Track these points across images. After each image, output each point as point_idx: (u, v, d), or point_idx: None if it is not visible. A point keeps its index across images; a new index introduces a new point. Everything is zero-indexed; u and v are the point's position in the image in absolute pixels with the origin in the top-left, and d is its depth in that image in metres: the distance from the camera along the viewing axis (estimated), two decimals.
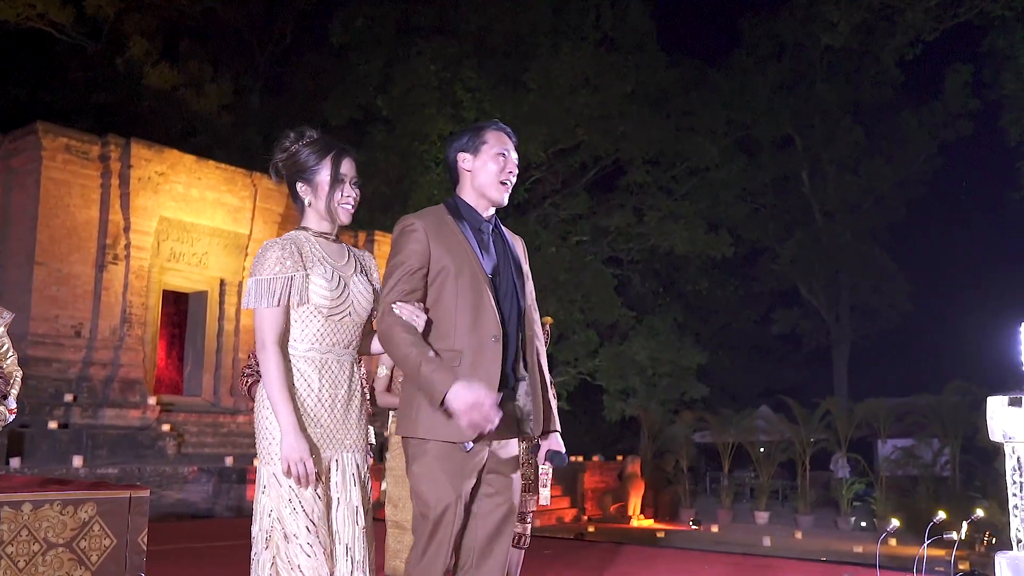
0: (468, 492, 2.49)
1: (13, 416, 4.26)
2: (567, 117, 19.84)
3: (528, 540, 4.30)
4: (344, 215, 2.56)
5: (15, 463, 9.67)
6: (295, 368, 2.45)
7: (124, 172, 12.92)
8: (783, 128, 25.15)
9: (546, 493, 4.55)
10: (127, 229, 12.99)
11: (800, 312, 27.35)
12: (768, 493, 17.69)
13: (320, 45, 23.15)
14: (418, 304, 2.48)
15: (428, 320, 2.48)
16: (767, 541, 13.42)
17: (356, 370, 2.59)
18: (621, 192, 22.46)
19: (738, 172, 22.81)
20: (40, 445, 10.91)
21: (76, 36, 20.05)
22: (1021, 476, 4.08)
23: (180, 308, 14.71)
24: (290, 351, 2.46)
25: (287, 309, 2.45)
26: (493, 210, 2.67)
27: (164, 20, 21.17)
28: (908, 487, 16.44)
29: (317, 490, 2.40)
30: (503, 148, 2.63)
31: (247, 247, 14.28)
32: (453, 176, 2.68)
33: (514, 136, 2.70)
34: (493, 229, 2.65)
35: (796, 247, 25.68)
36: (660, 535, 14.56)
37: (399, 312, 2.44)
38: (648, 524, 16.90)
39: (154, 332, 13.65)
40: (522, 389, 2.60)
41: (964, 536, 5.06)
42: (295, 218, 2.64)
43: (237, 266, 14.39)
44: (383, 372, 4.56)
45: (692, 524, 16.47)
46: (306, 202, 2.56)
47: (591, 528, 14.71)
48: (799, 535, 15.23)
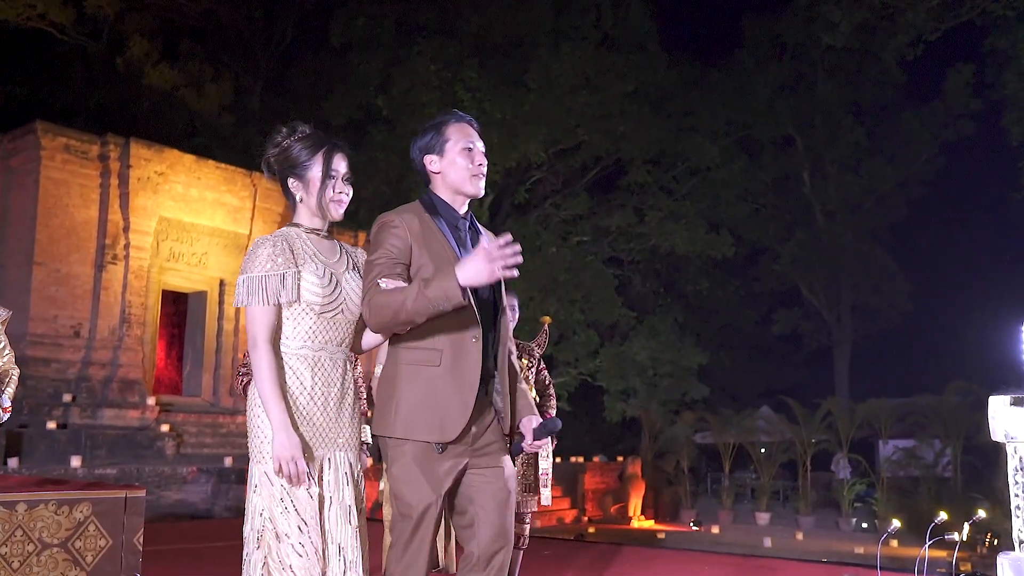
0: (446, 491, 2.47)
1: (7, 415, 4.23)
2: (568, 117, 19.79)
3: (528, 540, 4.27)
4: (336, 211, 2.52)
5: (13, 463, 9.66)
6: (288, 366, 2.43)
7: (123, 172, 12.90)
8: (784, 128, 25.12)
9: (547, 493, 4.52)
10: (126, 229, 12.97)
11: (801, 312, 27.31)
12: (769, 494, 17.68)
13: (320, 45, 23.15)
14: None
15: None
16: (768, 542, 13.41)
17: (349, 368, 2.56)
18: (622, 192, 22.43)
19: (739, 172, 22.76)
20: (38, 445, 10.90)
21: (76, 36, 20.03)
22: (1023, 476, 4.05)
23: (179, 308, 14.70)
24: (282, 349, 2.43)
25: (279, 307, 2.42)
26: (467, 205, 2.64)
27: (164, 20, 21.16)
28: (909, 488, 16.42)
29: (309, 489, 2.38)
30: (468, 141, 2.58)
31: (247, 247, 14.18)
32: (424, 178, 2.65)
33: (475, 123, 2.66)
34: (469, 226, 2.62)
35: (797, 247, 25.64)
36: (661, 536, 14.53)
37: (384, 285, 2.40)
38: (649, 525, 16.87)
39: (153, 332, 13.63)
40: (496, 387, 2.58)
41: (966, 537, 5.03)
42: None
43: (237, 266, 14.34)
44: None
45: (693, 525, 16.44)
46: (298, 198, 2.53)
47: (591, 529, 14.66)
48: (800, 536, 15.22)
